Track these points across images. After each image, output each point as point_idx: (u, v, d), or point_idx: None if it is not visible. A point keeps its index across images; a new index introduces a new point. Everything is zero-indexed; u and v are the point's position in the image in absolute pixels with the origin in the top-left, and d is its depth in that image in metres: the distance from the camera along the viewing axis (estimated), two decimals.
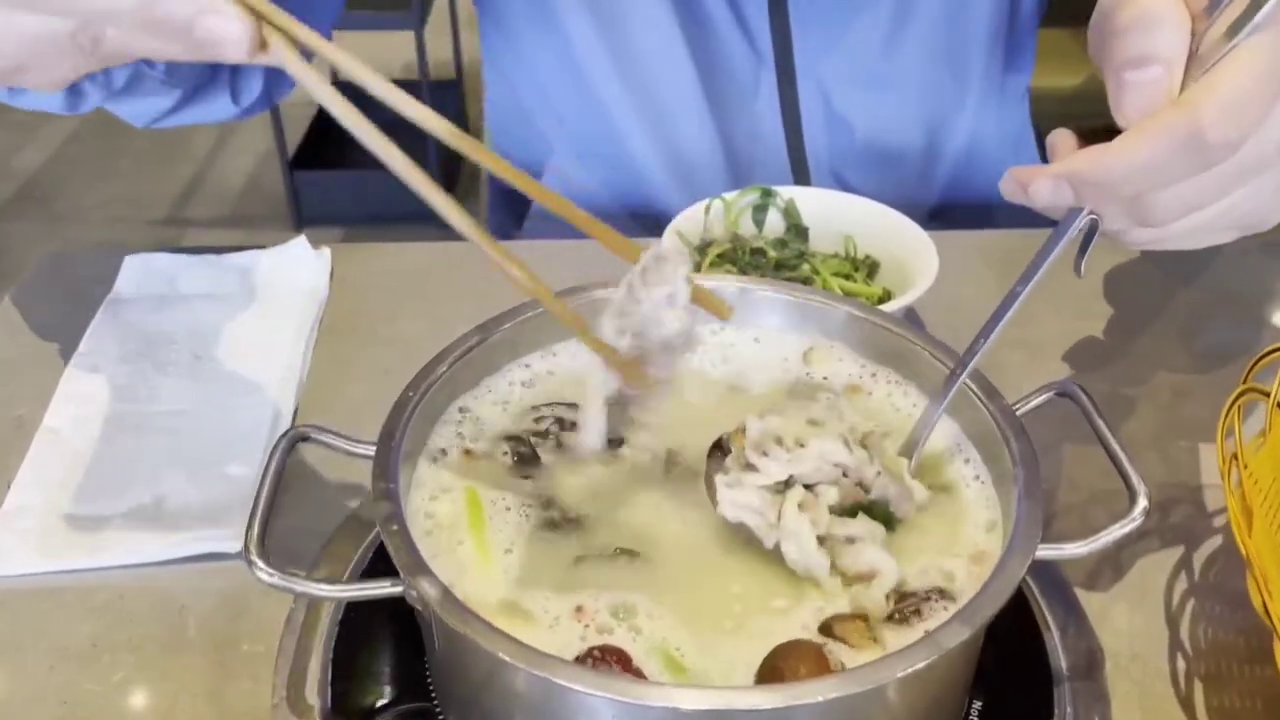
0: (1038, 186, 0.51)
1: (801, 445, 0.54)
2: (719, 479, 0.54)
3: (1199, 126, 0.46)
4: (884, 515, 0.55)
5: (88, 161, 3.46)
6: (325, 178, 3.08)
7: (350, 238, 3.15)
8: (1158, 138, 0.47)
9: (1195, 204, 0.50)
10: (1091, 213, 0.52)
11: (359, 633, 0.60)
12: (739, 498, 0.53)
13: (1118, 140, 0.48)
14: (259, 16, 0.47)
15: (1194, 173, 0.48)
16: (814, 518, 0.52)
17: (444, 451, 0.59)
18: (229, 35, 0.46)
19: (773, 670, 0.49)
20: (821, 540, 0.52)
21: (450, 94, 3.32)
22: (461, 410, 0.62)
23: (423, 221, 0.74)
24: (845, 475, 0.54)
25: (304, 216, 3.16)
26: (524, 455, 0.59)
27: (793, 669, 0.48)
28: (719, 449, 0.56)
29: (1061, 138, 0.54)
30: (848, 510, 0.54)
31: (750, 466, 0.54)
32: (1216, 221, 0.52)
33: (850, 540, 0.53)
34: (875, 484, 0.54)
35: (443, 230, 0.53)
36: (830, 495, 0.53)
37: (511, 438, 0.60)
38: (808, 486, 0.53)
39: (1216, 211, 0.51)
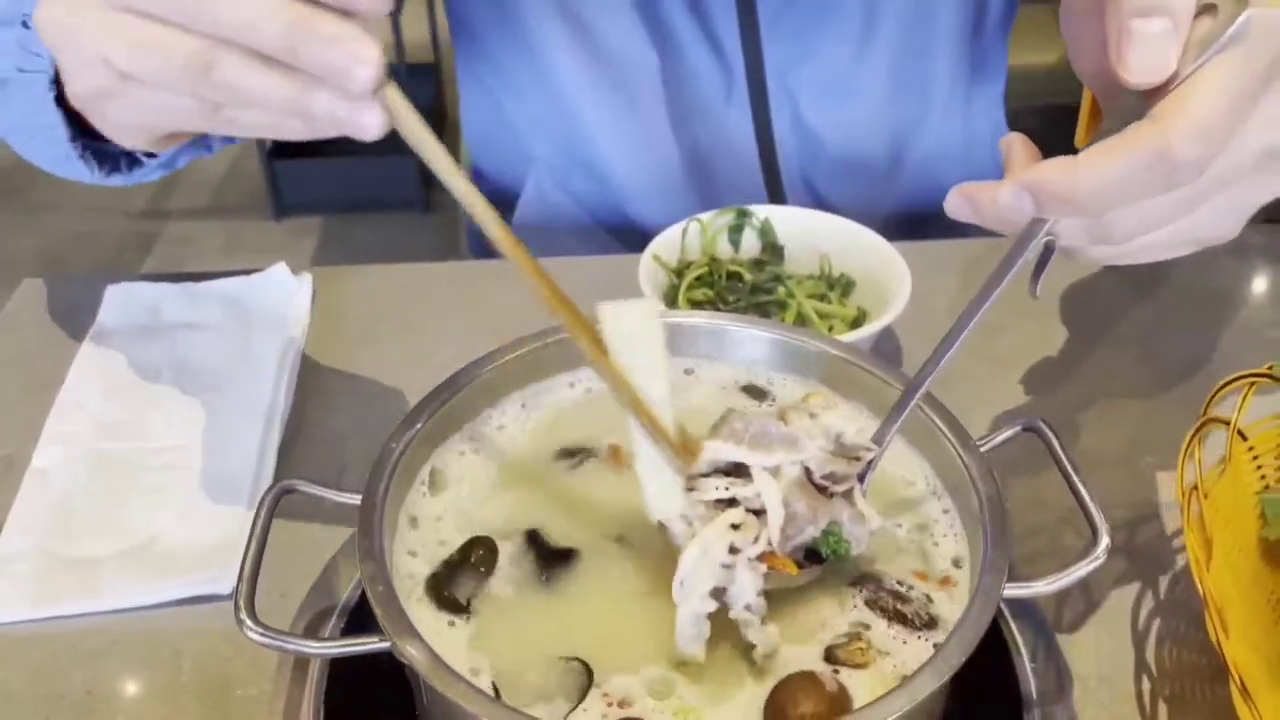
0: (1000, 194, 0.48)
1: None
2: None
3: (1169, 146, 0.45)
4: (836, 542, 0.55)
5: None
6: (304, 165, 3.06)
7: (330, 225, 3.14)
8: (1129, 154, 0.46)
9: (1156, 223, 0.50)
10: (1049, 231, 0.51)
11: (351, 677, 0.62)
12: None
13: (1085, 154, 0.47)
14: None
15: (1159, 192, 0.47)
16: (737, 541, 0.52)
17: (416, 519, 0.60)
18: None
19: (777, 710, 0.51)
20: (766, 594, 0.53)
21: (427, 78, 3.29)
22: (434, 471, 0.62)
23: (400, 209, 0.73)
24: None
25: (283, 205, 3.14)
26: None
27: (795, 704, 0.50)
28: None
29: (1017, 144, 0.52)
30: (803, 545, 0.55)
31: (692, 487, 0.55)
32: (1174, 238, 0.52)
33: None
34: (831, 509, 0.55)
35: (414, 217, 0.53)
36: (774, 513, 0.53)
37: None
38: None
39: (1176, 228, 0.51)
